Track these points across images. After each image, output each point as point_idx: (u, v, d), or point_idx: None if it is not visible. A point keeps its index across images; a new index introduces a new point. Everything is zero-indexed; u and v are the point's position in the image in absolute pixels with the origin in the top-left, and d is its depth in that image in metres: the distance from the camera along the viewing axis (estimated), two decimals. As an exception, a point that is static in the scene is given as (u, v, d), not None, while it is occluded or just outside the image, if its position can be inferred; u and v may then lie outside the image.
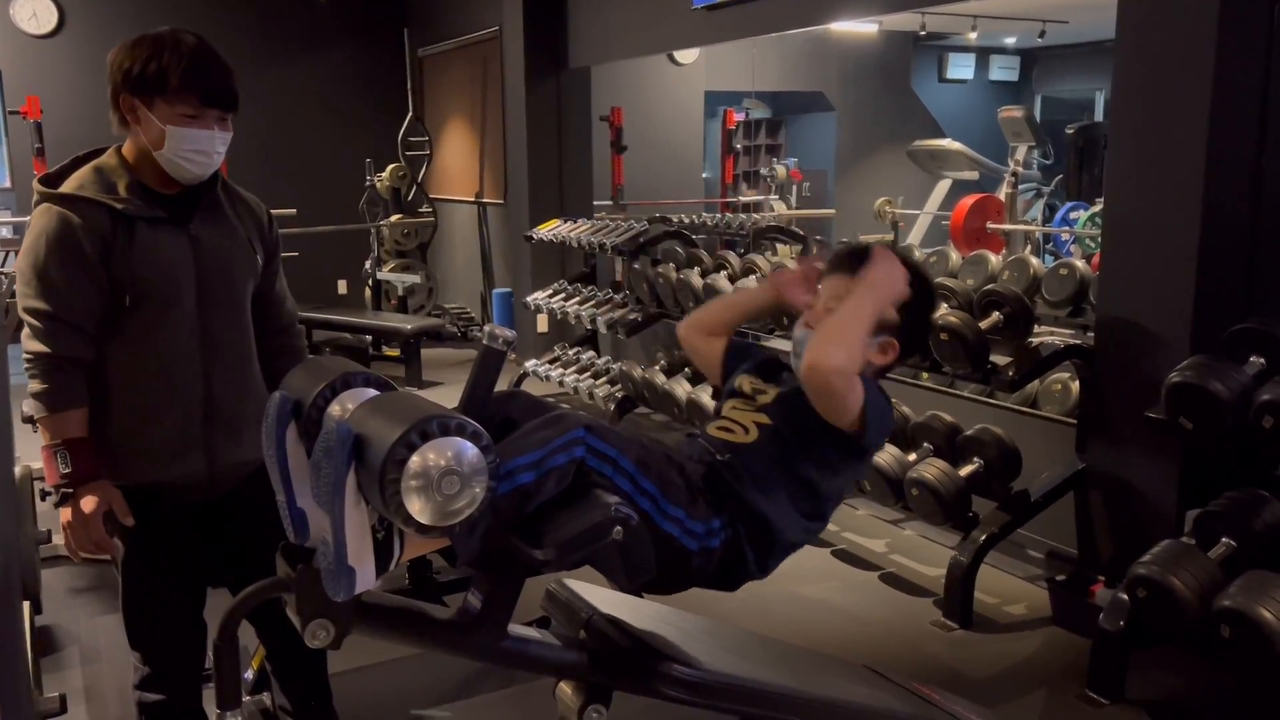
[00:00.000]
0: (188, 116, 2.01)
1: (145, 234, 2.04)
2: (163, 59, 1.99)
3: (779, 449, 1.68)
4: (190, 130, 2.02)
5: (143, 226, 2.04)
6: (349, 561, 1.30)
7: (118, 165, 2.07)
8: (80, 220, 1.99)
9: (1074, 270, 4.46)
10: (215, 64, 2.04)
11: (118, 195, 2.03)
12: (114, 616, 2.20)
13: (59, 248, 1.98)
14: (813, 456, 1.68)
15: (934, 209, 8.88)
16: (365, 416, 1.33)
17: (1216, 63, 3.03)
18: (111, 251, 2.00)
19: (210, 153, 2.06)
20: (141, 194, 2.06)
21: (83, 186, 2.03)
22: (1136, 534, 3.29)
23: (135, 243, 2.02)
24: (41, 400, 1.99)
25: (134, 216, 2.03)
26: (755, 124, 11.54)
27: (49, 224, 2.00)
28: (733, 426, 1.73)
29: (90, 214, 2.00)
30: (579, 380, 5.93)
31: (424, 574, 3.33)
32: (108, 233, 2.00)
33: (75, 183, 2.04)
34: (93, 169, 2.07)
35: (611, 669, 1.57)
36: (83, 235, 1.98)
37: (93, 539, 2.00)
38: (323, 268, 8.55)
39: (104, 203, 2.01)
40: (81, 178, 2.05)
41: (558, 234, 6.29)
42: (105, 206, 2.01)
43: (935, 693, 2.07)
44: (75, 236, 1.98)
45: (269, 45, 8.88)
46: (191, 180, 2.09)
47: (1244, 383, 2.83)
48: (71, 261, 1.99)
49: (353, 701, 2.73)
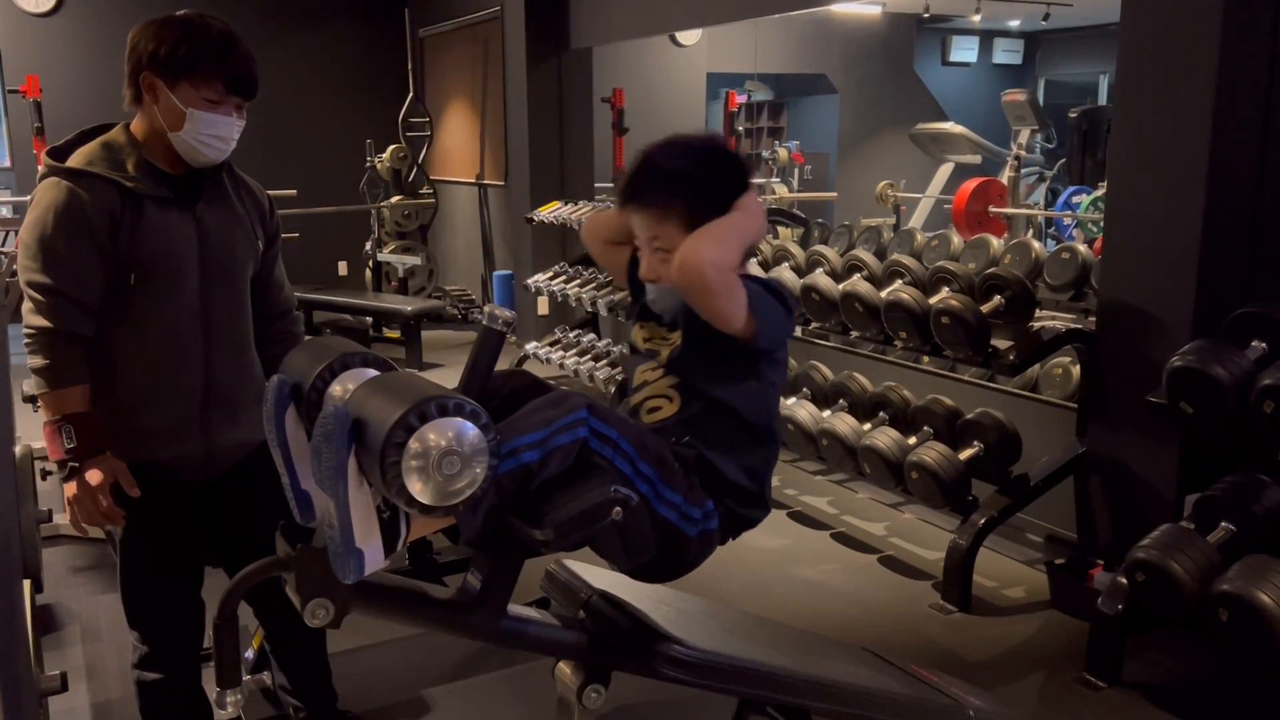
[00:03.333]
0: (211, 101, 2.02)
1: (153, 213, 2.04)
2: (194, 42, 2.00)
3: (700, 399, 1.62)
4: (211, 115, 2.03)
5: (150, 205, 2.04)
6: (356, 543, 1.30)
7: (126, 143, 2.07)
8: (89, 195, 1.98)
9: (1076, 254, 4.46)
10: (242, 51, 2.06)
11: (127, 173, 2.03)
12: (115, 595, 2.20)
13: (67, 222, 1.98)
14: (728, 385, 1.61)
15: (936, 192, 8.85)
16: (364, 398, 1.33)
17: (1221, 46, 3.01)
18: (119, 228, 2.00)
19: (228, 139, 2.08)
20: (150, 173, 2.06)
21: (92, 162, 2.02)
22: (1135, 518, 3.29)
23: (143, 221, 2.02)
24: (44, 376, 1.99)
25: (143, 195, 2.03)
26: (757, 106, 11.50)
27: (58, 198, 1.99)
28: (657, 403, 1.66)
29: (100, 190, 2.00)
30: (579, 363, 5.92)
31: (424, 554, 3.34)
32: (116, 209, 2.00)
33: (84, 158, 2.03)
34: (101, 145, 2.06)
35: (610, 649, 1.58)
36: (92, 210, 1.98)
37: (101, 511, 2.00)
38: (323, 249, 8.53)
39: (114, 179, 2.01)
40: (90, 153, 2.04)
41: (559, 216, 6.27)
42: (115, 183, 2.01)
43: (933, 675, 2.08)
44: (84, 211, 1.98)
45: (269, 24, 8.83)
46: (205, 164, 2.09)
47: (1245, 367, 2.82)
48: (79, 236, 1.98)
49: (352, 681, 2.75)
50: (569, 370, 5.97)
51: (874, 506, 4.48)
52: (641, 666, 1.57)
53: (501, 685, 2.97)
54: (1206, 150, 3.07)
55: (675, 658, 1.56)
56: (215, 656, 1.46)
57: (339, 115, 9.15)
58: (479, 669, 3.03)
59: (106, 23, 8.02)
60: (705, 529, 1.58)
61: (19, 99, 7.24)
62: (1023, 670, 3.10)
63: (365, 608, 1.42)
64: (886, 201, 8.25)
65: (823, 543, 4.10)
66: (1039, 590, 3.59)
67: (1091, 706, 2.88)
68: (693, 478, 1.59)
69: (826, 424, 4.16)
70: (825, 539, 4.14)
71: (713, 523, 1.59)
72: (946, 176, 8.91)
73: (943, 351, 3.69)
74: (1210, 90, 3.05)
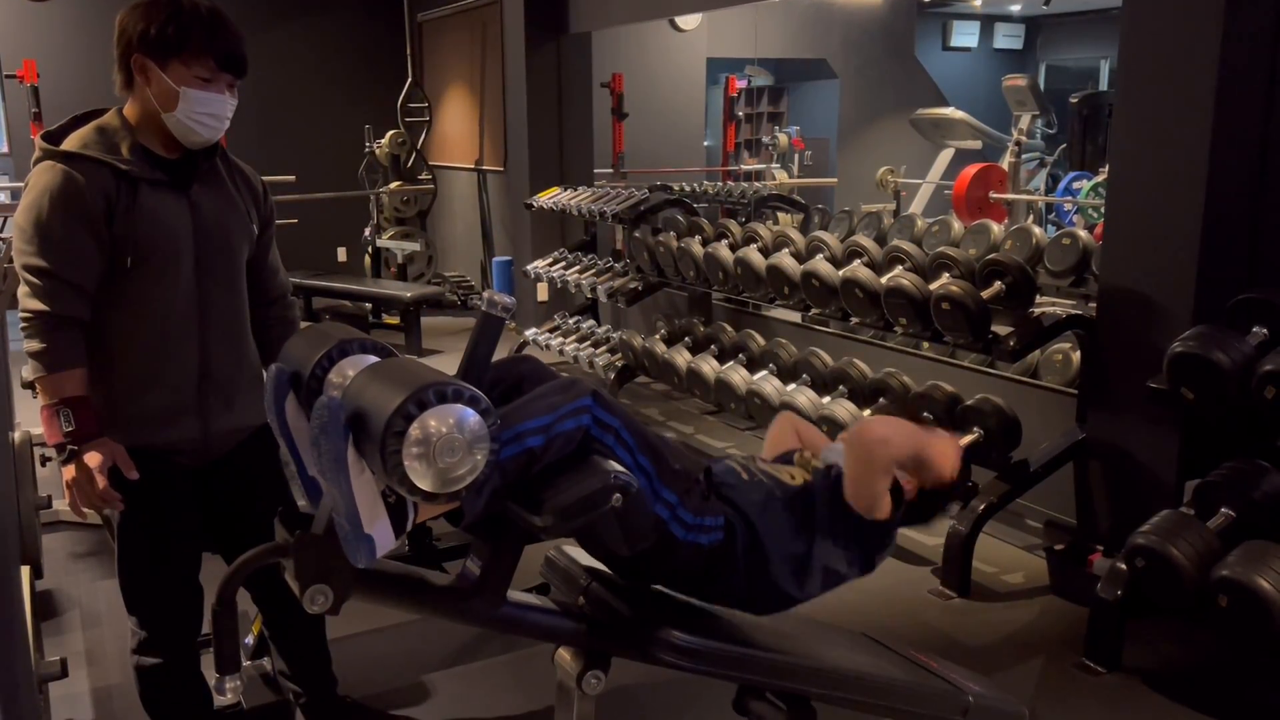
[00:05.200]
0: (202, 80, 2.02)
1: (148, 195, 2.03)
2: (181, 20, 1.99)
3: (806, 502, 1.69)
4: (204, 93, 2.03)
5: (145, 188, 2.03)
6: (365, 530, 1.30)
7: (120, 126, 2.06)
8: (84, 178, 1.98)
9: (1076, 240, 4.44)
10: (231, 28, 2.06)
11: (121, 156, 2.02)
12: (114, 581, 2.20)
13: (63, 205, 1.97)
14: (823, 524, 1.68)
15: (937, 178, 8.83)
16: (363, 386, 1.33)
17: (1224, 30, 3.00)
18: (114, 211, 2.00)
19: (222, 116, 2.07)
20: (144, 156, 2.05)
21: (86, 145, 2.01)
22: (1135, 504, 3.29)
23: (138, 204, 2.01)
24: (41, 360, 1.98)
25: (137, 178, 2.02)
26: (757, 91, 11.45)
27: (53, 181, 1.98)
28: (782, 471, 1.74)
29: (95, 172, 1.99)
30: (579, 349, 5.92)
31: (424, 540, 3.34)
32: (111, 192, 1.99)
33: (78, 141, 2.03)
34: (95, 129, 2.06)
35: (610, 636, 1.58)
36: (87, 193, 1.97)
37: (99, 494, 2.00)
38: (322, 235, 8.51)
39: (108, 162, 2.00)
40: (84, 136, 2.03)
41: (558, 202, 6.26)
42: (109, 166, 2.00)
43: (933, 660, 2.08)
44: (80, 194, 1.97)
45: (268, 9, 8.80)
46: (199, 144, 2.09)
47: (1246, 353, 2.82)
48: (75, 219, 1.97)
49: (352, 667, 2.75)
50: (568, 357, 5.97)
51: (873, 492, 4.48)
52: (641, 653, 1.56)
53: (501, 670, 2.97)
54: (1208, 135, 3.06)
55: (675, 644, 1.56)
56: (214, 642, 1.46)
57: (338, 100, 9.12)
58: (478, 654, 3.03)
59: (104, 6, 7.94)
60: (694, 540, 1.57)
61: (16, 84, 7.22)
62: (1022, 656, 3.10)
63: (365, 594, 1.42)
64: (887, 187, 8.22)
65: (822, 529, 4.10)
66: (1039, 576, 3.59)
67: (1091, 692, 2.89)
68: (694, 485, 1.60)
69: (826, 410, 4.15)
70: (825, 525, 4.14)
71: (704, 538, 1.58)
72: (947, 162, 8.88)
73: (943, 337, 3.68)
74: (1212, 76, 3.03)
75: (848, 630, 2.30)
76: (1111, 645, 2.97)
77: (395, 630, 3.12)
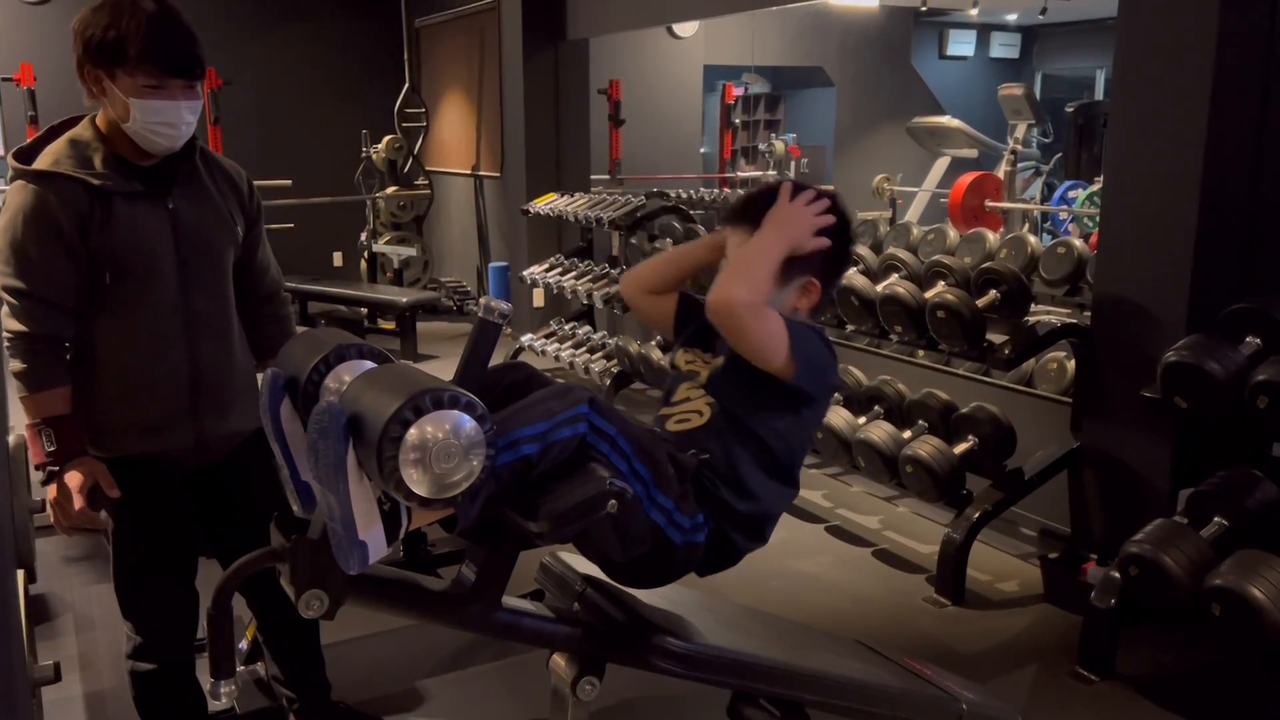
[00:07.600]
0: (150, 88, 1.93)
1: (123, 209, 1.99)
2: (121, 26, 1.90)
3: (730, 421, 1.64)
4: (154, 102, 1.94)
5: (120, 202, 1.99)
6: (359, 536, 1.30)
7: (93, 137, 2.02)
8: (57, 198, 1.94)
9: (1071, 249, 4.46)
10: (175, 29, 1.95)
11: (94, 170, 1.98)
12: (108, 585, 2.20)
13: (36, 225, 1.94)
14: (761, 415, 1.64)
15: (932, 186, 8.86)
16: (360, 392, 1.33)
17: (1218, 41, 3.01)
18: (89, 228, 1.96)
19: (177, 124, 1.98)
20: (118, 167, 2.00)
21: (58, 162, 1.97)
22: (1129, 512, 3.30)
23: (113, 219, 1.98)
24: (23, 381, 1.97)
25: (111, 192, 1.98)
26: (754, 99, 11.47)
27: (25, 201, 1.95)
28: (687, 415, 1.69)
29: (67, 191, 1.95)
30: (575, 355, 5.92)
31: (419, 546, 3.33)
32: (85, 210, 1.96)
33: (50, 157, 1.99)
34: (67, 141, 2.01)
35: (605, 642, 1.58)
36: (60, 213, 1.94)
37: (76, 515, 1.99)
38: (318, 239, 8.52)
39: (80, 179, 1.96)
40: (56, 152, 1.99)
41: (554, 208, 6.26)
42: (82, 183, 1.96)
43: (927, 668, 2.08)
44: (53, 214, 1.94)
45: (264, 14, 8.81)
46: (163, 152, 2.03)
47: (1239, 362, 2.83)
48: (48, 239, 1.94)
49: (346, 672, 2.75)
50: (564, 363, 5.97)
51: (868, 500, 4.49)
52: (636, 659, 1.57)
53: (495, 677, 2.97)
54: (1202, 145, 3.07)
55: (669, 650, 1.56)
56: (209, 647, 1.46)
57: (334, 105, 9.12)
58: (473, 660, 3.03)
59: (101, 11, 7.96)
60: (691, 540, 1.58)
61: (13, 87, 7.22)
62: (1016, 663, 3.11)
63: (360, 599, 1.42)
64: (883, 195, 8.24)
65: (817, 536, 4.11)
66: (1033, 584, 3.60)
67: (1084, 700, 2.89)
68: (686, 487, 1.59)
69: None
70: (820, 532, 4.14)
71: (699, 536, 1.59)
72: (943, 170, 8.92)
73: (938, 345, 3.69)
74: (1207, 85, 3.05)
75: (842, 637, 2.31)
76: (1105, 653, 2.97)
77: (389, 636, 3.11)
